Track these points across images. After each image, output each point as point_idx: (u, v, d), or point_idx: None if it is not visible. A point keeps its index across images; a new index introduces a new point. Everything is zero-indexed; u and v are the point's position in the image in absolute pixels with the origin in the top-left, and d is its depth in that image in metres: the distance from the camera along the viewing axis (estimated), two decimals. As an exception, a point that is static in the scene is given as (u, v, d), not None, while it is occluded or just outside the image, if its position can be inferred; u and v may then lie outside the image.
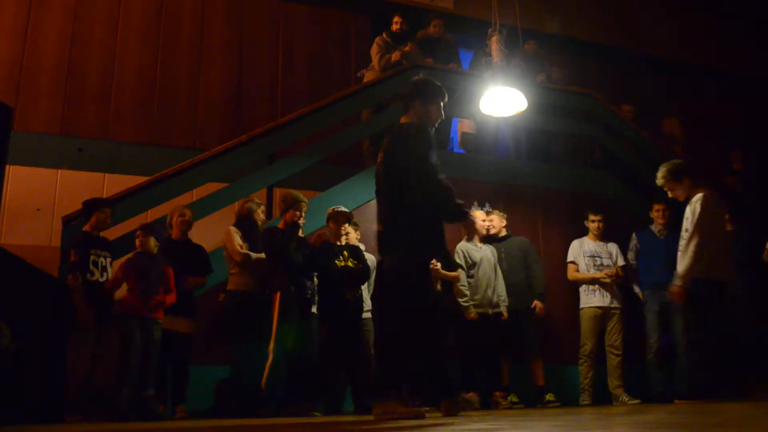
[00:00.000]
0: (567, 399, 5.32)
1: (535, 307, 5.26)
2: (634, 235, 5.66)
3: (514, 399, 5.12)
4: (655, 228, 5.60)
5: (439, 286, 4.84)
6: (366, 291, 4.84)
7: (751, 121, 8.84)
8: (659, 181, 4.49)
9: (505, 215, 5.50)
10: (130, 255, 4.43)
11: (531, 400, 5.18)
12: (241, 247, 4.60)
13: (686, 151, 7.41)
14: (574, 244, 5.67)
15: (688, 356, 4.27)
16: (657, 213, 5.55)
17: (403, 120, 3.47)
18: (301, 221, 4.74)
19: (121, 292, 4.37)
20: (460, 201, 3.26)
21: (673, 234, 5.53)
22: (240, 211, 4.87)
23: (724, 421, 1.95)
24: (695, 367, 4.15)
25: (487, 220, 5.44)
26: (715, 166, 7.60)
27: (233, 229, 4.68)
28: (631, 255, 5.62)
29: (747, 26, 9.67)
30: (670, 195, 4.55)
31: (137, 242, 4.37)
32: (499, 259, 5.34)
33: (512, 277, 5.30)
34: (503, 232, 5.51)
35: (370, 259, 4.83)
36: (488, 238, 5.43)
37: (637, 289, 5.55)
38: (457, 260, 5.15)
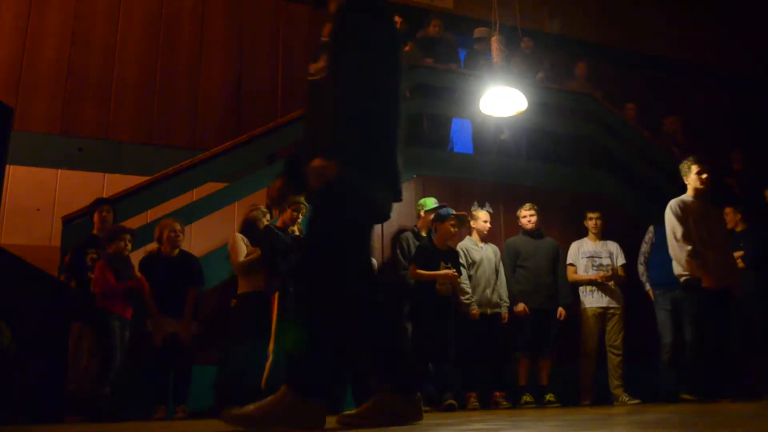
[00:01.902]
0: (568, 399, 5.32)
1: (558, 312, 5.30)
2: (651, 228, 5.54)
3: (527, 398, 5.12)
4: None
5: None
6: None
7: (751, 121, 8.84)
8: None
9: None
10: (99, 256, 4.41)
11: (537, 400, 5.18)
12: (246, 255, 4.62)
13: (686, 151, 7.41)
14: (573, 246, 5.66)
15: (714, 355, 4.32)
16: None
17: None
18: (298, 225, 4.75)
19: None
20: None
21: None
22: (246, 217, 4.85)
23: (725, 421, 1.95)
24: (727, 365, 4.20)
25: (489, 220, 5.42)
26: (715, 167, 7.60)
27: (238, 236, 4.69)
28: (646, 247, 5.51)
29: (747, 26, 9.67)
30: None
31: (114, 246, 4.34)
32: (530, 256, 5.34)
33: (540, 277, 5.30)
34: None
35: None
36: (528, 233, 5.47)
37: (647, 286, 5.45)
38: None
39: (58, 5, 6.37)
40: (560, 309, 5.30)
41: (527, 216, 5.48)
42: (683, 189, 4.70)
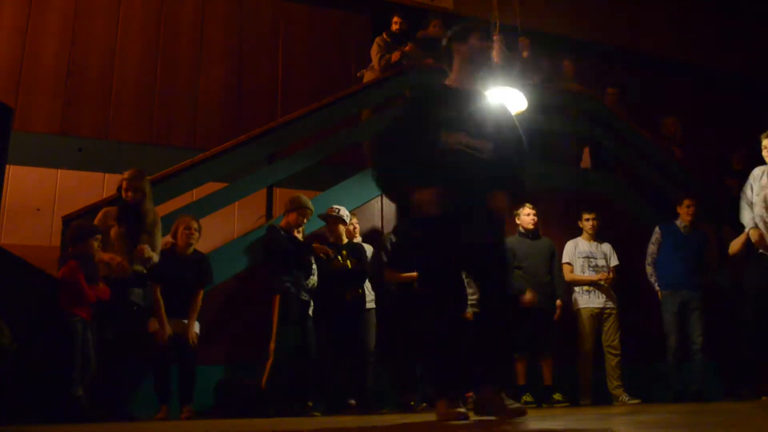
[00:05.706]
0: (568, 399, 5.32)
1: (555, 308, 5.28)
2: (657, 229, 5.53)
3: (528, 398, 5.12)
4: (680, 223, 5.54)
5: None
6: (368, 285, 4.82)
7: (752, 122, 8.84)
8: None
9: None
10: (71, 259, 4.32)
11: (538, 400, 5.18)
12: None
13: (686, 152, 7.41)
14: (569, 246, 5.64)
15: None
16: (686, 209, 5.52)
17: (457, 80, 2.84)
18: (301, 229, 4.75)
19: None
20: None
21: (696, 233, 5.50)
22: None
23: (725, 421, 1.95)
24: None
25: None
26: (715, 167, 7.60)
27: None
28: (653, 248, 5.49)
29: (747, 26, 9.67)
30: None
31: (85, 246, 4.22)
32: (525, 257, 5.32)
33: (538, 277, 5.30)
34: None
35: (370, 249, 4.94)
36: (524, 234, 5.43)
37: (656, 287, 5.43)
38: None
39: (58, 5, 6.37)
40: (558, 302, 5.28)
41: (530, 215, 5.46)
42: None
